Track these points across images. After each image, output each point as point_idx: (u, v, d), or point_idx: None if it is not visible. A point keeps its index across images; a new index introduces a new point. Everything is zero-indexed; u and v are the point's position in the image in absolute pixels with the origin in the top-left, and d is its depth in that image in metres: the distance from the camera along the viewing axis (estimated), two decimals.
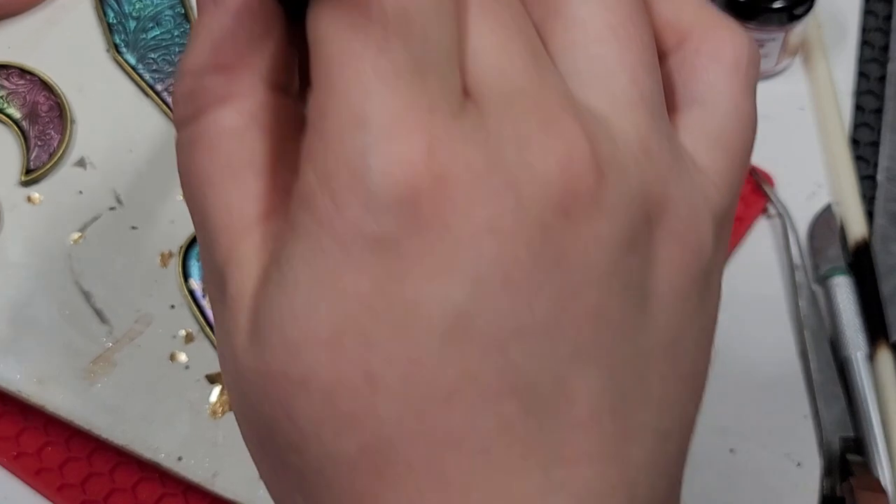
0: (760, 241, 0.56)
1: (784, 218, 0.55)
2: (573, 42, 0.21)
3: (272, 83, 0.22)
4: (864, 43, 0.62)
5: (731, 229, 0.23)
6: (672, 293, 0.21)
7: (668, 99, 0.23)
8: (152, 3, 0.53)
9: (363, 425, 0.19)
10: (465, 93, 0.20)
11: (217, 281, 0.22)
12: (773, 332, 0.54)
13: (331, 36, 0.20)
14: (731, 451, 0.51)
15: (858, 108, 0.60)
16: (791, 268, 0.55)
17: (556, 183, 0.19)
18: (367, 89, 0.19)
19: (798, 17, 0.56)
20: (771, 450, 0.51)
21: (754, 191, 0.56)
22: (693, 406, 0.23)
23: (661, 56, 0.24)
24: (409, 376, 0.19)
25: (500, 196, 0.19)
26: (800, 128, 0.59)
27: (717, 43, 0.23)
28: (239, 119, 0.21)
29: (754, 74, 0.23)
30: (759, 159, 0.57)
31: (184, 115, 0.22)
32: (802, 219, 0.56)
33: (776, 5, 0.56)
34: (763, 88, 0.59)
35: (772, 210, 0.56)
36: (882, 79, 0.61)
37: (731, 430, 0.51)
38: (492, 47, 0.20)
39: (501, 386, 0.19)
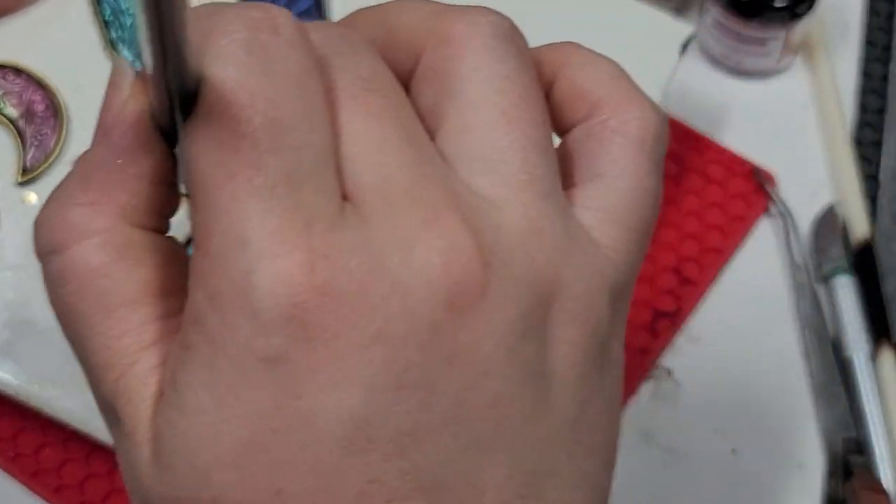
0: (762, 241, 0.56)
1: (786, 217, 0.55)
2: (465, 126, 0.22)
3: (140, 218, 0.22)
4: (868, 42, 0.62)
5: (629, 299, 0.24)
6: (571, 372, 0.21)
7: (572, 170, 0.24)
8: None
9: None
10: (345, 196, 0.20)
11: (109, 412, 0.22)
12: (774, 332, 0.54)
13: (205, 157, 0.20)
14: (733, 451, 0.51)
15: (861, 107, 0.60)
16: (793, 267, 0.54)
17: (441, 281, 0.20)
18: (245, 209, 0.19)
19: (800, 16, 0.56)
20: (772, 450, 0.51)
21: (756, 190, 0.56)
22: (606, 476, 0.23)
23: (570, 125, 0.24)
24: (316, 489, 0.20)
25: (386, 302, 0.19)
26: (802, 127, 0.59)
27: (626, 117, 0.23)
28: (105, 256, 0.21)
29: (660, 151, 0.24)
30: (761, 158, 0.57)
31: (46, 246, 0.22)
32: (805, 218, 0.56)
33: (778, 4, 0.55)
34: (766, 87, 0.59)
35: (774, 209, 0.56)
36: (885, 78, 0.61)
37: (732, 431, 0.51)
38: (368, 145, 0.21)
39: (406, 487, 0.20)
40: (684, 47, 0.52)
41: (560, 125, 0.25)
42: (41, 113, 0.50)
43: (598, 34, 0.51)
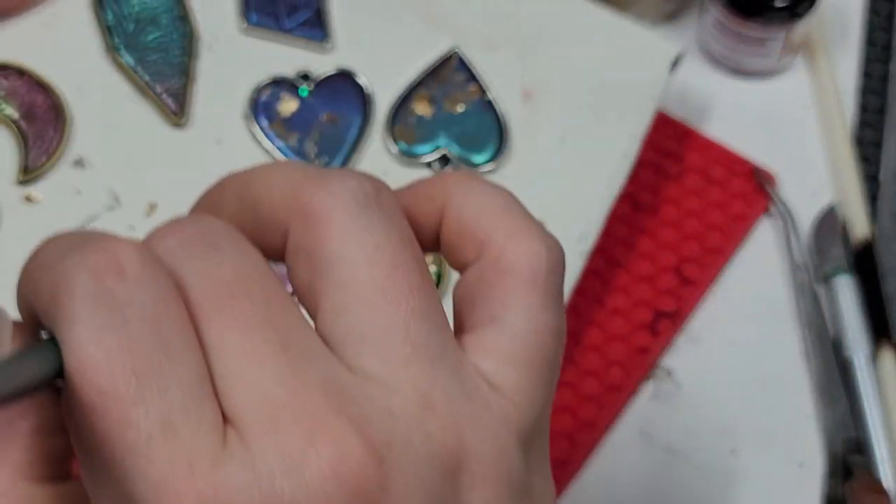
0: (763, 241, 0.56)
1: (787, 217, 0.55)
2: (341, 306, 0.21)
3: (39, 471, 0.22)
4: (868, 42, 0.62)
5: (546, 433, 0.23)
6: None
7: (467, 315, 0.23)
8: (151, 5, 0.53)
9: None
10: (226, 417, 0.20)
11: None
12: (775, 332, 0.54)
13: (78, 422, 0.20)
14: (733, 452, 0.51)
15: (861, 107, 0.60)
16: (793, 267, 0.55)
17: (337, 492, 0.19)
18: (124, 466, 0.19)
19: (801, 16, 0.56)
20: (773, 451, 0.51)
21: (757, 190, 0.56)
22: None
23: (464, 264, 0.24)
24: None
25: None
26: (803, 127, 0.59)
27: (514, 254, 0.23)
28: None
29: (555, 283, 0.23)
30: (761, 158, 0.57)
31: None
32: (805, 218, 0.56)
33: (779, 4, 0.56)
34: (766, 87, 0.59)
35: (774, 209, 0.56)
36: (885, 78, 0.61)
37: (732, 431, 0.51)
38: (239, 361, 0.20)
39: None
40: (674, 66, 0.52)
41: (455, 264, 0.24)
42: (43, 113, 0.50)
43: (590, 55, 0.53)
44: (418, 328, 0.21)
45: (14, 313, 0.23)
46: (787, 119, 0.59)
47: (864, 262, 0.55)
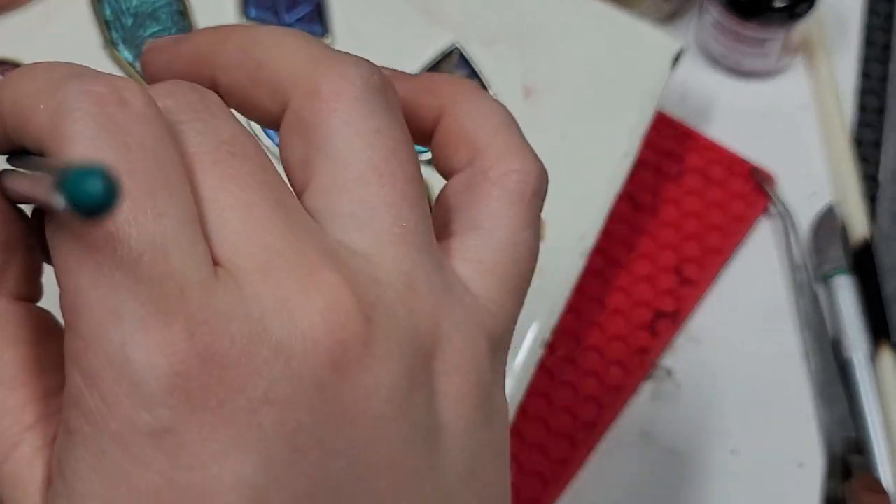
0: (762, 241, 0.56)
1: (786, 217, 0.55)
2: (336, 182, 0.21)
3: (12, 292, 0.22)
4: (867, 42, 0.62)
5: (507, 349, 0.24)
6: (459, 424, 0.21)
7: (451, 220, 0.24)
8: (149, 0, 0.53)
9: None
10: (217, 262, 0.20)
11: None
12: (774, 332, 0.54)
13: (65, 235, 0.19)
14: (733, 451, 0.51)
15: (861, 107, 0.60)
16: (793, 268, 0.55)
17: (324, 338, 0.19)
18: (113, 281, 0.18)
19: (800, 16, 0.56)
20: (773, 450, 0.51)
21: (756, 190, 0.56)
22: None
23: (451, 168, 0.24)
24: None
25: (270, 364, 0.19)
26: (802, 127, 0.59)
27: (506, 169, 0.23)
28: None
29: (538, 205, 0.24)
30: (761, 158, 0.57)
31: None
32: (804, 218, 0.56)
33: (778, 4, 0.56)
34: (765, 87, 0.60)
35: (773, 210, 0.56)
36: (884, 78, 0.61)
37: (732, 431, 0.51)
38: (234, 210, 0.20)
39: None
40: (675, 61, 0.52)
41: (441, 166, 0.24)
42: None
43: (591, 51, 0.52)
44: (409, 215, 0.21)
45: None
46: (786, 119, 0.59)
47: (863, 262, 0.55)
